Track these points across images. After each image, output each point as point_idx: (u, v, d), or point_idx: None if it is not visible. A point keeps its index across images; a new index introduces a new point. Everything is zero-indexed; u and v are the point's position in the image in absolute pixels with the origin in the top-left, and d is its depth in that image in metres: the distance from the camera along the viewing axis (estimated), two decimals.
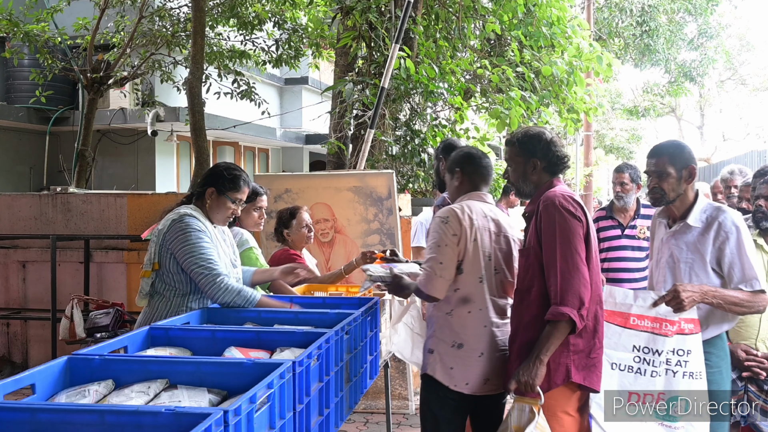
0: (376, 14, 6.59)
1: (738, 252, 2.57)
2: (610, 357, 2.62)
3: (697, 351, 2.57)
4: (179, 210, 2.93)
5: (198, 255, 2.80)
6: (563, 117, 7.86)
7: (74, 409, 1.67)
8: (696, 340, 2.57)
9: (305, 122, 13.64)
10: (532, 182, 2.69)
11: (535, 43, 7.41)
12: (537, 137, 2.68)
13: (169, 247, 2.84)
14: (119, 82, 9.24)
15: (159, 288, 2.91)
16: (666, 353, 2.56)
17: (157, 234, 2.89)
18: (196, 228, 2.85)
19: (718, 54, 19.34)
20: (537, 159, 2.66)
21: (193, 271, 2.81)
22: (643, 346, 2.59)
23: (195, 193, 3.04)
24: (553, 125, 12.77)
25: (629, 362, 2.62)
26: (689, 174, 2.69)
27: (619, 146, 30.19)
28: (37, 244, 6.08)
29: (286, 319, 2.82)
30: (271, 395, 1.83)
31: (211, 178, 3.02)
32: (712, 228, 2.61)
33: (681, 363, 2.56)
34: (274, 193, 4.89)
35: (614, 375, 2.62)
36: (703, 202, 2.70)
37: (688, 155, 2.71)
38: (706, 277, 2.62)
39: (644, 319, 2.61)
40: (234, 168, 3.07)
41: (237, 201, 3.00)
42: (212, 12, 8.82)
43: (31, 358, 6.09)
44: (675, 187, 2.69)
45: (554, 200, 2.53)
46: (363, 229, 4.82)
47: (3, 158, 10.25)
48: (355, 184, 4.84)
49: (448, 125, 7.25)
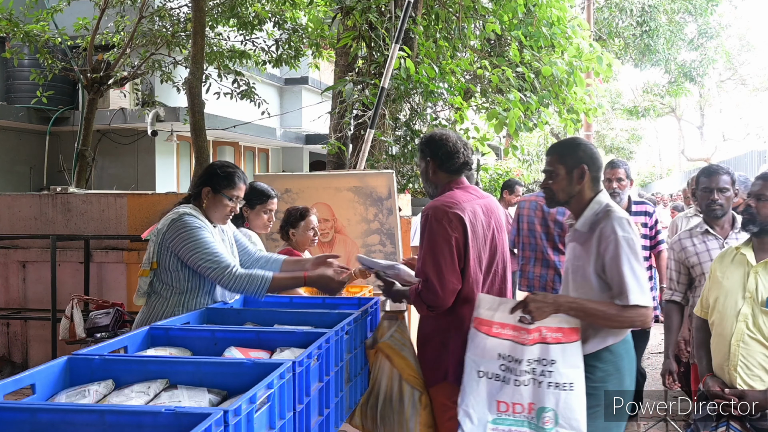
0: (376, 14, 6.59)
1: (614, 261, 2.38)
2: (478, 364, 2.52)
3: (564, 361, 2.42)
4: (177, 209, 2.93)
5: (203, 250, 2.80)
6: (563, 117, 7.87)
7: (74, 409, 1.67)
8: (562, 350, 2.43)
9: (305, 122, 13.65)
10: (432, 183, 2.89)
11: (535, 43, 7.41)
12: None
13: (170, 245, 2.85)
14: (119, 82, 9.24)
15: (157, 287, 2.91)
16: (527, 362, 2.44)
17: (156, 233, 2.90)
18: (195, 225, 2.85)
19: (718, 54, 19.37)
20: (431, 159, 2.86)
21: (200, 266, 2.81)
22: (507, 354, 2.48)
23: (192, 193, 3.05)
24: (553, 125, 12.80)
25: (496, 370, 2.49)
26: (580, 174, 2.51)
27: (619, 146, 30.21)
28: (37, 244, 6.08)
29: (286, 319, 2.82)
30: (271, 395, 1.84)
31: (206, 177, 3.02)
32: (595, 233, 2.46)
33: (545, 373, 2.42)
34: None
35: (482, 383, 2.51)
36: (598, 205, 2.49)
37: (581, 154, 2.53)
38: (587, 285, 2.47)
39: (506, 327, 2.50)
40: (228, 165, 3.07)
41: (234, 198, 3.00)
42: (212, 12, 8.83)
43: (31, 358, 6.09)
44: (565, 188, 2.53)
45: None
46: (363, 229, 4.81)
47: (3, 158, 10.25)
48: (355, 184, 4.83)
49: (448, 125, 7.25)
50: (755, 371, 2.55)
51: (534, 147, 14.64)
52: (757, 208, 2.62)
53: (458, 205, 2.67)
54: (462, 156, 2.79)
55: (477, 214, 2.73)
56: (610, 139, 31.29)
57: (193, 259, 2.82)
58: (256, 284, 2.80)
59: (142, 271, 2.92)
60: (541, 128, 8.94)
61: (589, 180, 2.53)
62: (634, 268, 2.37)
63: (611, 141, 31.29)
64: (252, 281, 2.80)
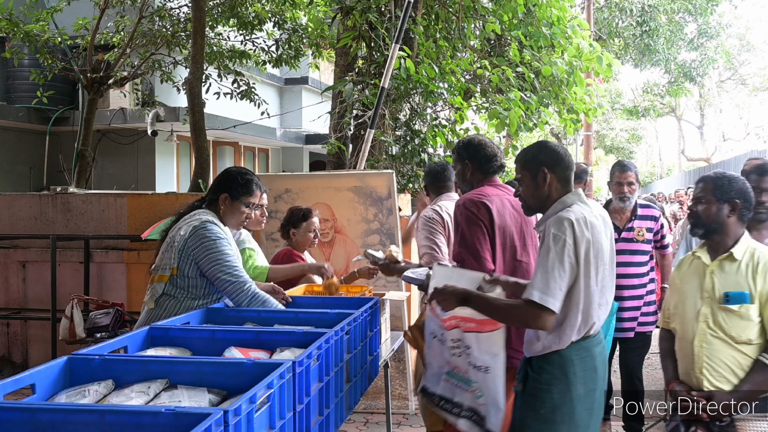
0: (376, 14, 6.59)
1: (539, 257, 2.39)
2: (432, 327, 2.74)
3: (479, 348, 2.52)
4: (200, 216, 2.93)
5: (224, 263, 2.84)
6: (563, 117, 7.87)
7: (74, 409, 1.68)
8: (476, 337, 2.51)
9: (305, 122, 13.65)
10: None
11: (535, 43, 7.40)
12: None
13: (192, 253, 2.86)
14: (119, 82, 9.24)
15: (169, 290, 2.91)
16: (450, 341, 2.64)
17: (179, 240, 2.88)
18: (219, 236, 2.88)
19: (718, 54, 19.37)
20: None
21: (219, 278, 2.85)
22: (439, 331, 2.70)
23: (207, 198, 3.04)
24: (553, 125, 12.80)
25: (440, 337, 2.71)
26: (543, 178, 2.50)
27: (619, 146, 30.23)
28: (37, 244, 6.08)
29: (286, 319, 2.82)
30: (271, 395, 1.84)
31: (225, 183, 3.03)
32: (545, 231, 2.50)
33: (464, 354, 2.60)
34: (274, 193, 4.88)
35: (435, 343, 2.74)
36: (561, 205, 2.46)
37: (542, 158, 2.52)
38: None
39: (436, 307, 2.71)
40: (246, 172, 3.09)
41: (251, 205, 3.03)
42: (212, 12, 8.82)
43: (31, 358, 6.09)
44: (533, 193, 2.54)
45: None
46: (363, 229, 4.81)
47: (3, 158, 10.25)
48: (355, 184, 4.82)
49: (448, 125, 7.24)
50: (720, 371, 2.53)
51: None
52: (699, 211, 2.64)
53: (487, 196, 2.90)
54: (498, 160, 3.10)
55: (505, 205, 2.93)
56: (610, 139, 31.30)
57: (213, 270, 2.84)
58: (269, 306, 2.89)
59: (160, 276, 2.90)
60: (541, 128, 8.93)
61: (556, 181, 2.49)
62: (549, 268, 2.31)
63: (611, 141, 31.30)
64: (265, 305, 2.88)
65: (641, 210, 4.26)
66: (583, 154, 15.63)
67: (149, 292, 2.94)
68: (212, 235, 2.86)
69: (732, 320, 2.51)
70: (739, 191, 2.60)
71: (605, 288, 2.45)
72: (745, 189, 2.61)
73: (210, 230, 2.87)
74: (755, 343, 2.51)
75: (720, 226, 2.60)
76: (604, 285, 2.44)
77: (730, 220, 2.60)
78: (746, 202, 2.60)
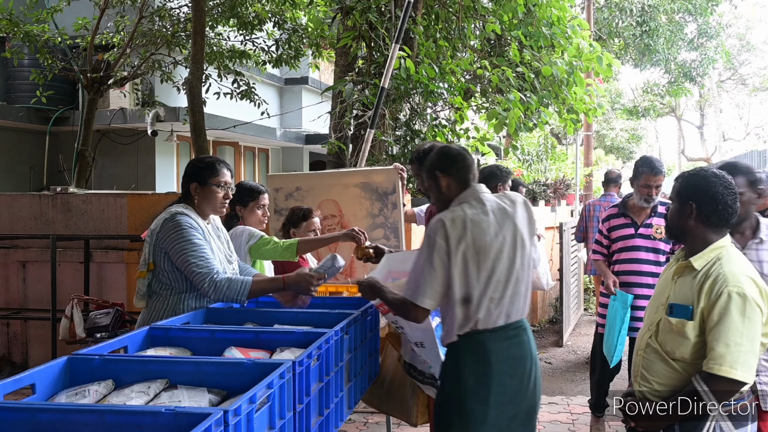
0: (376, 14, 6.59)
1: (414, 259, 2.53)
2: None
3: (409, 327, 2.77)
4: (170, 209, 2.93)
5: (190, 252, 2.79)
6: (563, 117, 7.86)
7: (74, 409, 1.68)
8: (405, 321, 2.71)
9: (305, 122, 13.65)
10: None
11: (535, 43, 7.40)
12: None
13: (162, 245, 2.85)
14: (119, 82, 9.24)
15: (156, 288, 2.92)
16: (392, 324, 2.98)
17: (150, 234, 2.90)
18: (188, 225, 2.85)
19: (718, 54, 19.35)
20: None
21: (186, 268, 2.81)
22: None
23: (182, 194, 3.05)
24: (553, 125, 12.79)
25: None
26: (435, 180, 2.64)
27: (619, 146, 30.21)
28: (37, 244, 6.08)
29: (286, 319, 2.82)
30: (271, 395, 1.84)
31: (190, 173, 3.04)
32: None
33: (403, 333, 2.91)
34: (285, 192, 4.98)
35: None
36: (456, 203, 2.56)
37: (430, 162, 2.64)
38: None
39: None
40: (207, 156, 3.13)
41: (222, 184, 2.99)
42: (212, 12, 8.82)
43: (31, 358, 6.09)
44: (436, 197, 2.68)
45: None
46: (368, 224, 4.88)
47: (3, 158, 10.25)
48: (362, 180, 4.91)
49: (448, 125, 7.24)
50: (653, 385, 2.35)
51: (534, 147, 14.62)
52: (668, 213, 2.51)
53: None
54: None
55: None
56: (610, 139, 31.26)
57: (180, 260, 2.81)
58: (235, 290, 2.77)
59: (139, 272, 2.92)
60: (541, 128, 8.93)
61: (449, 181, 2.59)
62: (420, 268, 2.46)
63: (611, 141, 31.27)
64: (231, 287, 2.77)
65: (661, 208, 4.19)
66: (583, 154, 15.63)
67: (136, 290, 2.95)
68: (180, 225, 2.83)
69: (669, 334, 2.31)
70: (696, 191, 2.32)
71: (500, 282, 2.48)
72: (704, 188, 2.31)
73: (178, 221, 2.84)
74: (689, 362, 2.26)
75: (681, 230, 2.39)
76: (498, 279, 2.47)
77: (690, 224, 2.35)
78: (706, 203, 2.30)
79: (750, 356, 2.14)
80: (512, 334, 2.52)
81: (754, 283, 2.21)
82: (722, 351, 2.13)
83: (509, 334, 2.52)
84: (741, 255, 2.34)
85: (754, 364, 2.16)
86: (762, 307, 2.18)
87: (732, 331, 2.14)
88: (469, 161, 2.62)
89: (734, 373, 2.11)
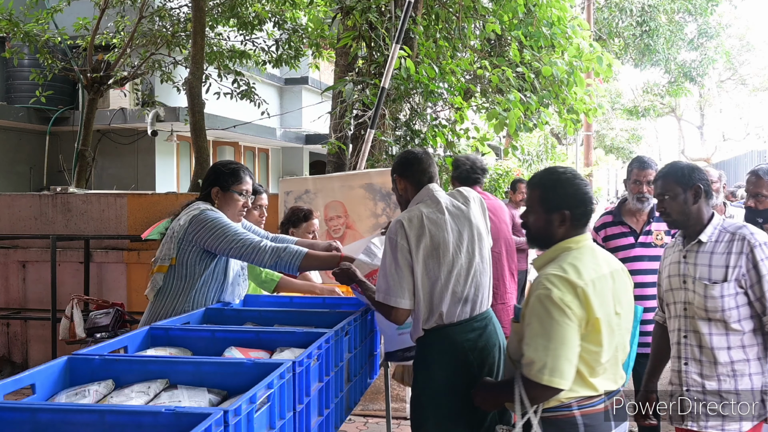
0: (376, 14, 6.58)
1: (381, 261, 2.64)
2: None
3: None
4: (198, 206, 2.96)
5: (231, 234, 2.82)
6: (563, 117, 7.86)
7: (74, 409, 1.68)
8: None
9: (305, 122, 13.65)
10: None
11: (535, 43, 7.39)
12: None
13: (193, 239, 2.86)
14: (119, 82, 9.24)
15: (168, 283, 2.93)
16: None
17: (178, 229, 2.90)
18: (219, 216, 2.90)
19: (718, 54, 19.36)
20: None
21: (232, 248, 2.82)
22: None
23: (201, 196, 3.06)
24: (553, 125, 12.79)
25: None
26: (395, 184, 2.81)
27: (619, 146, 30.23)
28: (37, 244, 6.08)
29: (286, 319, 2.82)
30: (271, 395, 1.84)
31: (213, 177, 3.05)
32: None
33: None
34: (294, 195, 5.12)
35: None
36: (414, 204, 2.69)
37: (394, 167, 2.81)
38: None
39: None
40: (231, 162, 3.13)
41: (244, 193, 3.04)
42: (212, 12, 8.82)
43: (31, 358, 6.09)
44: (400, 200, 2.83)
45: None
46: (371, 224, 4.96)
47: (3, 158, 10.25)
48: (367, 181, 5.04)
49: (448, 125, 7.23)
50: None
51: (534, 147, 14.64)
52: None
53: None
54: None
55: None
56: (610, 139, 31.29)
57: (223, 245, 2.83)
58: (289, 256, 2.81)
59: (159, 267, 2.93)
60: (541, 128, 8.93)
61: (405, 183, 2.75)
62: (387, 270, 2.54)
63: (611, 141, 31.30)
64: (286, 252, 2.81)
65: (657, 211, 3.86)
66: (583, 154, 15.64)
67: (150, 284, 2.95)
68: (210, 216, 2.87)
69: (513, 337, 2.24)
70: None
71: (461, 276, 2.55)
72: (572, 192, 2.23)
73: (209, 215, 2.89)
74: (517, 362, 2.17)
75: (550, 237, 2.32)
76: (459, 273, 2.55)
77: (560, 231, 2.27)
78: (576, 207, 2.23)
79: (559, 360, 2.00)
80: (478, 325, 2.58)
81: (567, 283, 2.03)
82: (530, 354, 2.04)
83: (475, 326, 2.57)
84: (580, 252, 2.17)
85: (566, 368, 2.01)
86: (572, 308, 2.01)
87: (535, 334, 2.04)
88: (425, 164, 2.72)
89: (542, 378, 2.00)
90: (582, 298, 2.02)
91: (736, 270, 2.47)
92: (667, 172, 2.62)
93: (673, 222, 2.64)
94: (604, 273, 2.13)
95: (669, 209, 2.60)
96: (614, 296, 2.13)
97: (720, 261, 2.52)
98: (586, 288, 2.03)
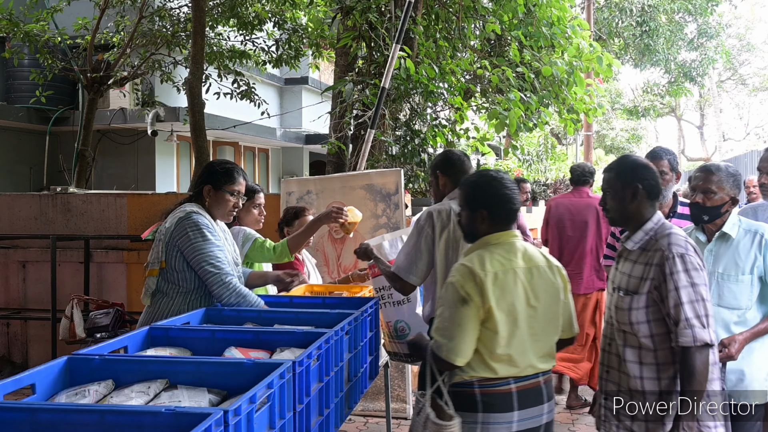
0: (376, 14, 6.58)
1: (405, 241, 3.06)
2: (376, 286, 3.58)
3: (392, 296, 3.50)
4: (185, 208, 2.95)
5: (207, 253, 2.83)
6: (563, 117, 7.86)
7: (74, 409, 1.67)
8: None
9: (305, 122, 13.64)
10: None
11: (535, 43, 7.40)
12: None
13: (177, 244, 2.86)
14: (119, 82, 9.24)
15: (162, 287, 2.92)
16: (377, 290, 3.55)
17: (165, 232, 2.90)
18: (204, 225, 2.88)
19: (718, 54, 19.36)
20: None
21: (201, 268, 2.84)
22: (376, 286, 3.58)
23: (194, 193, 3.06)
24: (553, 125, 12.80)
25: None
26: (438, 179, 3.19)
27: (619, 146, 30.19)
28: (37, 244, 6.08)
29: (286, 319, 2.82)
30: (271, 395, 1.83)
31: (206, 175, 3.05)
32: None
33: (387, 296, 3.51)
34: (296, 195, 5.16)
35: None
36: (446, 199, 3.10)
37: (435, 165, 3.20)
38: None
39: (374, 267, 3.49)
40: (226, 162, 3.14)
41: (235, 193, 3.03)
42: (212, 12, 8.82)
43: (31, 358, 6.09)
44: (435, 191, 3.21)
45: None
46: (372, 225, 4.97)
47: (3, 158, 10.25)
48: (367, 182, 5.07)
49: (448, 125, 7.24)
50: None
51: (534, 147, 14.63)
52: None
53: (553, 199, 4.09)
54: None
55: (561, 203, 4.20)
56: (610, 139, 31.27)
57: (196, 260, 2.84)
58: (245, 305, 2.86)
59: (150, 270, 2.93)
60: (541, 128, 8.93)
61: (446, 180, 3.13)
62: (409, 249, 2.96)
63: (611, 141, 31.27)
64: (244, 302, 2.86)
65: (681, 208, 3.47)
66: (583, 154, 15.64)
67: (144, 288, 2.96)
68: (197, 225, 2.86)
69: None
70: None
71: None
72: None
73: (194, 220, 2.87)
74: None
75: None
76: None
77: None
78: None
79: (454, 340, 2.28)
80: None
81: (469, 272, 2.29)
82: (435, 332, 2.36)
83: None
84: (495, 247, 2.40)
85: (461, 347, 2.27)
86: (471, 294, 2.27)
87: (440, 314, 2.35)
88: (466, 165, 3.11)
89: (441, 353, 2.30)
90: (480, 286, 2.27)
91: (648, 283, 2.30)
92: (612, 167, 2.48)
93: (611, 219, 2.51)
94: (517, 267, 2.34)
95: (609, 206, 2.47)
96: (530, 290, 2.33)
97: (638, 271, 2.36)
98: (485, 278, 2.28)
